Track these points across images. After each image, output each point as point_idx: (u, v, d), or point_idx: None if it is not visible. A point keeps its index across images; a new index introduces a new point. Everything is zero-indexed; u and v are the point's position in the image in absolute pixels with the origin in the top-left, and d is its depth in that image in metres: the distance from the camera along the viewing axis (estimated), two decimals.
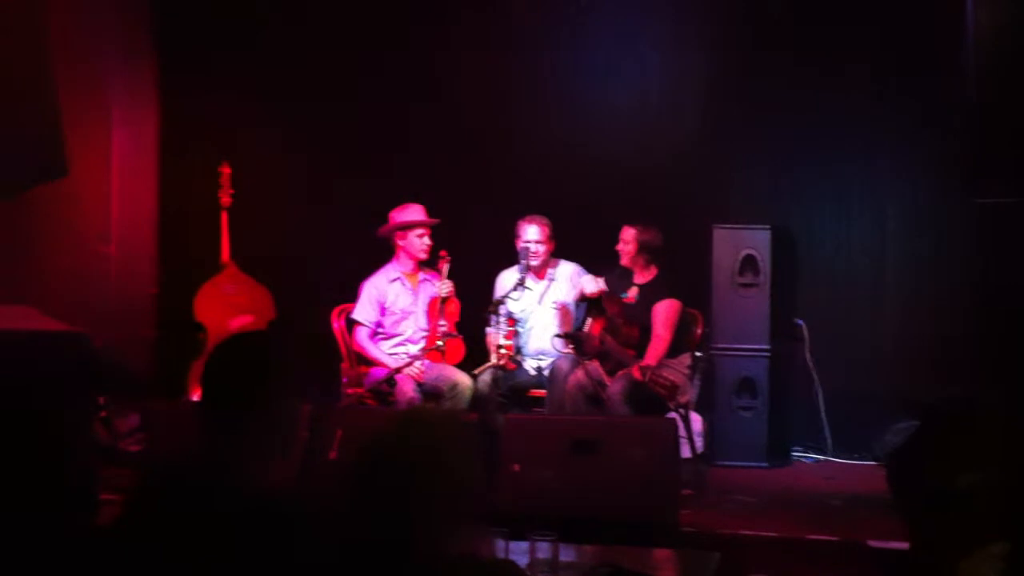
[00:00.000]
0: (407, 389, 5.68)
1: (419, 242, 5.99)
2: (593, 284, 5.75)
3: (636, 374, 5.29)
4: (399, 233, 6.02)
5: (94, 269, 6.54)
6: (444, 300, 5.95)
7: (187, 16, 7.01)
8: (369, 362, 5.99)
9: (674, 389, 5.18)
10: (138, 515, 2.25)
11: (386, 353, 5.96)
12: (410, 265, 6.06)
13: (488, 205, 6.76)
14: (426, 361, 5.85)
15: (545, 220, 5.95)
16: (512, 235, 5.98)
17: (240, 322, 6.31)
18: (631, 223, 5.81)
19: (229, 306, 6.46)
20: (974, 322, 6.36)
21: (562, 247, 6.10)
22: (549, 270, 6.04)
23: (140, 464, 5.45)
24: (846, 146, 6.68)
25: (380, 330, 6.04)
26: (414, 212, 6.04)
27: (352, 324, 6.04)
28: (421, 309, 6.02)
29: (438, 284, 5.96)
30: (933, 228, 6.56)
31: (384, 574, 1.97)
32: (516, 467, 4.62)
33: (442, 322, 5.95)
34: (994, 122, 5.07)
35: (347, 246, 6.76)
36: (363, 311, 6.00)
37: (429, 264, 6.09)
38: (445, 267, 5.96)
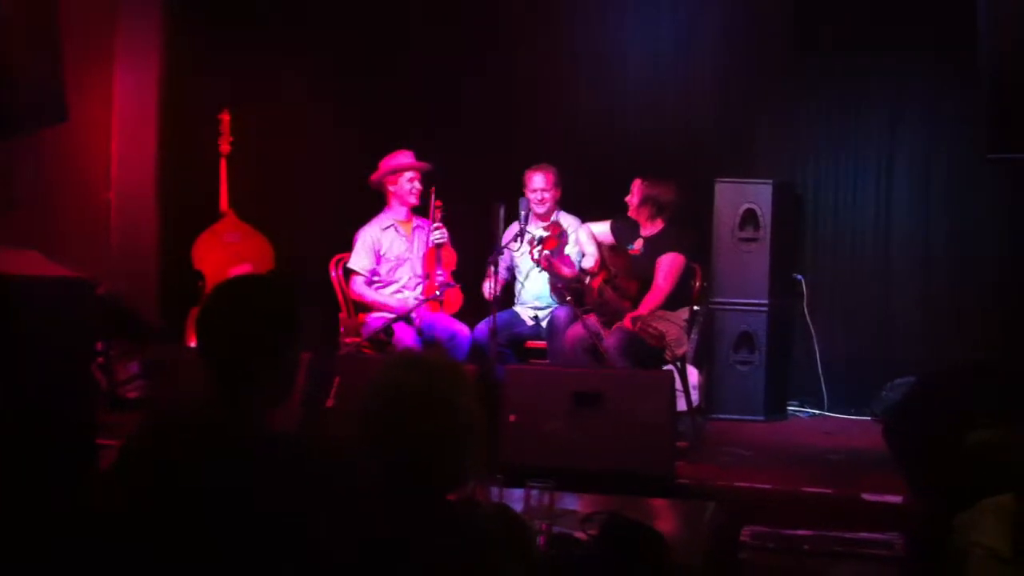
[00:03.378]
0: (406, 339, 5.69)
1: (409, 186, 5.99)
2: (568, 269, 5.68)
3: (627, 323, 5.31)
4: (389, 179, 6.03)
5: (94, 214, 6.53)
6: (439, 246, 5.96)
7: None
8: (368, 309, 6.00)
9: (661, 337, 5.20)
10: (140, 459, 2.26)
11: (386, 296, 5.97)
12: (403, 212, 6.07)
13: (491, 157, 6.74)
14: (425, 311, 5.87)
15: (551, 168, 5.99)
16: (517, 186, 5.97)
17: (238, 271, 6.31)
18: (642, 176, 5.77)
19: (227, 254, 6.46)
20: (979, 284, 6.36)
21: (566, 199, 6.10)
22: (552, 217, 6.04)
23: (139, 410, 5.47)
24: (854, 102, 6.63)
25: (376, 278, 6.04)
26: (403, 157, 6.05)
27: (348, 273, 6.05)
28: (416, 256, 6.04)
29: (431, 228, 5.96)
30: (942, 187, 6.51)
31: (387, 518, 1.98)
32: (512, 417, 4.64)
33: (439, 271, 5.96)
34: (1010, 75, 4.96)
35: (346, 196, 6.74)
36: (358, 259, 6.01)
37: (422, 212, 6.09)
38: (438, 214, 5.96)
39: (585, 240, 5.82)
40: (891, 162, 6.58)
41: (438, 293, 5.85)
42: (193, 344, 5.09)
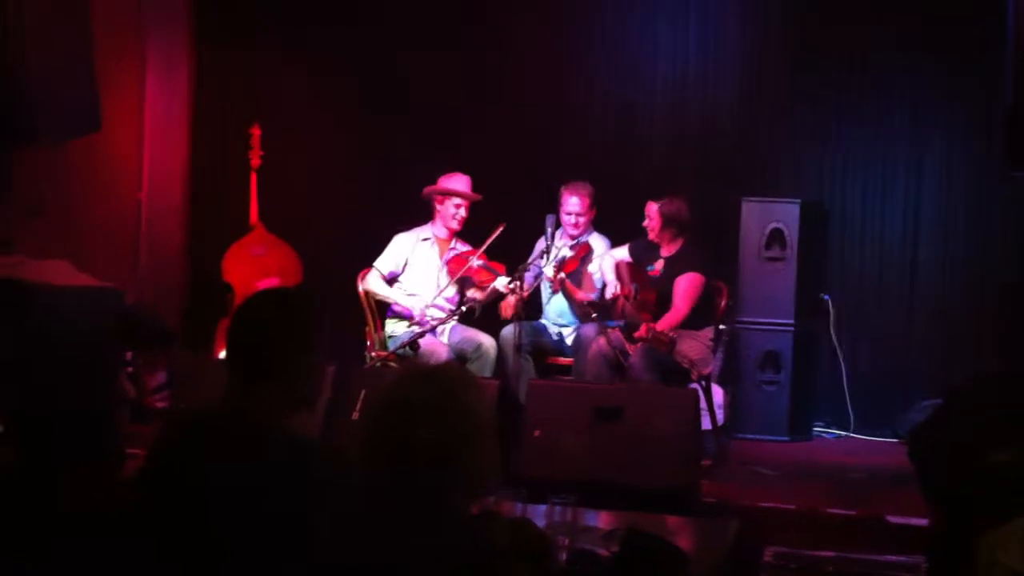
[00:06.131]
0: (433, 352, 5.67)
1: (453, 211, 5.99)
2: (583, 294, 5.82)
3: (643, 331, 5.26)
4: (438, 198, 6.04)
5: (125, 224, 6.60)
6: (472, 264, 5.91)
7: None
8: (382, 310, 5.98)
9: (672, 344, 5.19)
10: (163, 464, 2.29)
11: (401, 294, 5.98)
12: (444, 232, 6.07)
13: (515, 176, 6.75)
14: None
15: (587, 188, 5.95)
16: (543, 203, 5.97)
17: (267, 283, 6.36)
18: (654, 198, 5.75)
19: (257, 267, 6.50)
20: (1008, 303, 6.31)
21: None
22: (582, 237, 6.02)
23: (166, 419, 5.51)
24: (881, 120, 6.60)
25: (397, 284, 6.05)
26: (459, 182, 6.03)
27: (370, 269, 6.04)
28: (444, 273, 6.02)
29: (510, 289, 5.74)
30: (970, 205, 6.47)
31: (394, 527, 1.99)
32: (537, 432, 4.64)
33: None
34: None
35: (375, 210, 6.78)
36: (384, 261, 6.03)
37: (463, 235, 6.08)
38: (494, 236, 5.80)
39: (607, 269, 5.82)
40: (919, 181, 6.55)
41: (465, 309, 5.85)
42: (222, 356, 5.13)
